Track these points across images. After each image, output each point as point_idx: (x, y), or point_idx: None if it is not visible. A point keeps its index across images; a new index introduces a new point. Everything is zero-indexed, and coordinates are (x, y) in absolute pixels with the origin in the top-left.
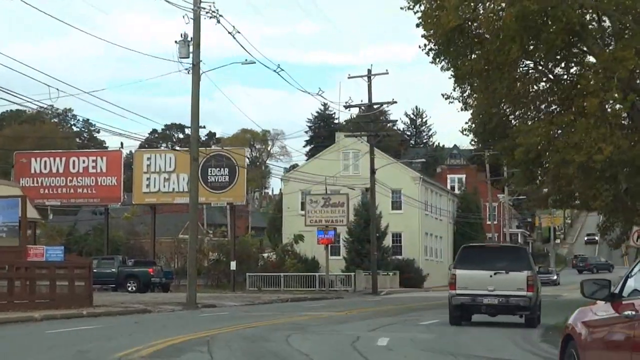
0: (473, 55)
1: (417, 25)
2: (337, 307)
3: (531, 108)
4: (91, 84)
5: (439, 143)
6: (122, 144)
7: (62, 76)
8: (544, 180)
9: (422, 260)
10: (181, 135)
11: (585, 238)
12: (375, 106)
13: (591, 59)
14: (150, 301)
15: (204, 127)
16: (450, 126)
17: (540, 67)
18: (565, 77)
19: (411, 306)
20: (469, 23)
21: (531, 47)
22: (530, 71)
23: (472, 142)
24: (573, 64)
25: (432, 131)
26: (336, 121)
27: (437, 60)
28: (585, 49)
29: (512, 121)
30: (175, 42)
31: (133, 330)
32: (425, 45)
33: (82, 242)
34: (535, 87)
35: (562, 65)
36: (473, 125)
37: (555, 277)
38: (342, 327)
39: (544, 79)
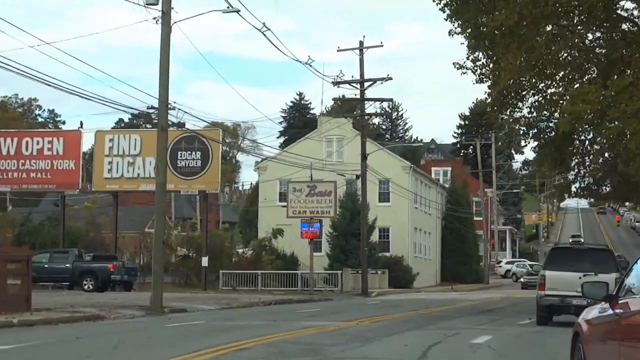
0: (496, 14)
1: None
2: (337, 314)
3: (573, 70)
4: (61, 75)
5: (416, 137)
6: (81, 123)
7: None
8: (592, 159)
9: (411, 257)
10: (149, 126)
11: (570, 240)
12: (367, 83)
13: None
14: (107, 303)
15: (174, 107)
16: (427, 121)
17: (569, 34)
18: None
19: (427, 312)
20: None
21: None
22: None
23: (455, 135)
24: (605, 30)
25: (408, 125)
26: (312, 111)
27: (454, 18)
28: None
29: (530, 93)
30: None
31: (68, 356)
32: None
33: (36, 233)
34: (577, 48)
35: (595, 29)
36: (489, 99)
37: None
38: (374, 350)
39: (585, 40)
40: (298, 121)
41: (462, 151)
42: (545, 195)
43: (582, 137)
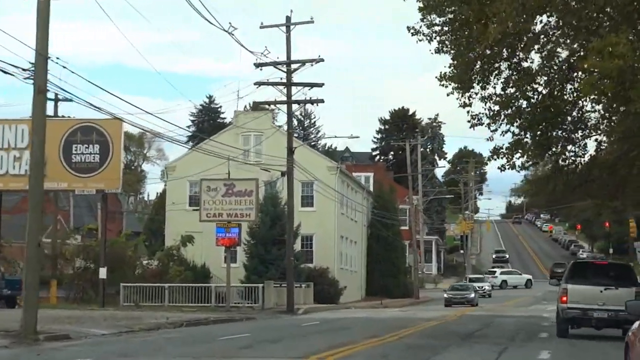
0: None
1: None
2: (277, 342)
3: (584, 19)
4: None
5: (331, 145)
6: None
7: None
8: (613, 137)
9: (337, 269)
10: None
11: (494, 256)
12: (294, 65)
13: None
14: None
15: (56, 62)
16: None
17: None
18: None
19: (393, 340)
20: None
21: None
22: None
23: (375, 139)
24: None
25: (320, 133)
26: (222, 115)
27: None
28: None
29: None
30: None
31: None
32: None
33: None
34: None
35: None
36: (455, 71)
37: (472, 295)
38: None
39: None
40: (208, 126)
41: (382, 158)
42: (470, 203)
43: (573, 115)
